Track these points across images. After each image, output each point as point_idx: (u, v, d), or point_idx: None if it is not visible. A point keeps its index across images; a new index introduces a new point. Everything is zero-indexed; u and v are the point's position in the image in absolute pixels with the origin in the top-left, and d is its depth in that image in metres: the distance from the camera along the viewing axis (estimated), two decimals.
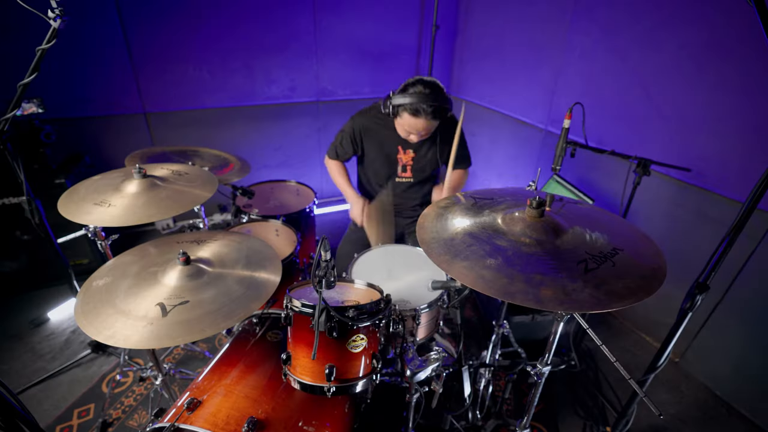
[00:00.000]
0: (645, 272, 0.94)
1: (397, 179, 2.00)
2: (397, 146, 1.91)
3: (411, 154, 1.93)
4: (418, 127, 1.69)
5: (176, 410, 1.10)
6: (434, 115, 1.65)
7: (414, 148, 1.91)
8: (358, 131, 1.93)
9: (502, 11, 2.98)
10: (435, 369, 1.25)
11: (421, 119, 1.65)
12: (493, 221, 1.11)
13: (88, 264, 2.60)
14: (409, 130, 1.73)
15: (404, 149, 1.92)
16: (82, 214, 1.33)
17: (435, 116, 1.65)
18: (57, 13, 1.28)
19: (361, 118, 1.93)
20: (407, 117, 1.68)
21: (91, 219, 1.33)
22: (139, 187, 1.45)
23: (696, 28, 1.85)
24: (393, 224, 1.99)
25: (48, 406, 1.86)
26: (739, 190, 1.84)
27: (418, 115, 1.64)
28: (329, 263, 1.11)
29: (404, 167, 1.96)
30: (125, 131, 2.90)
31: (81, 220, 1.32)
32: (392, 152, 1.93)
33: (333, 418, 1.22)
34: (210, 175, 1.64)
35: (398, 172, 1.98)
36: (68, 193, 1.44)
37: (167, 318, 1.04)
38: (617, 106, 2.28)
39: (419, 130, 1.71)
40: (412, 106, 1.63)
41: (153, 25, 2.67)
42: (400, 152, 1.93)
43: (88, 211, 1.34)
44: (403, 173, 1.98)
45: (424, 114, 1.64)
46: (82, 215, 1.33)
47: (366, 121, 1.92)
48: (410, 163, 1.95)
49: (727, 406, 1.98)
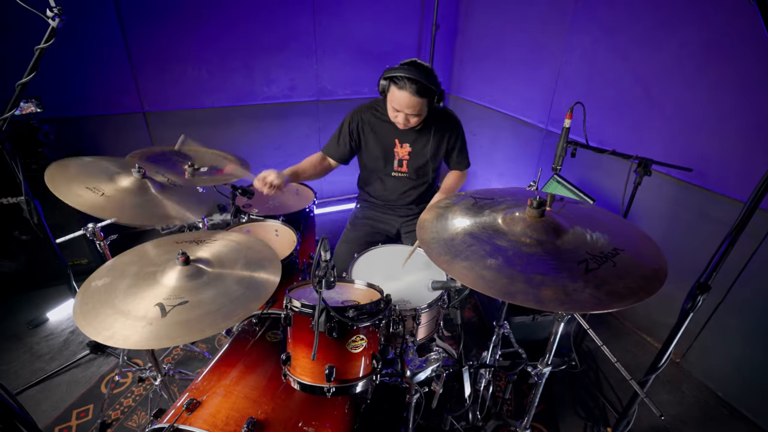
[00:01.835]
0: (646, 272, 0.94)
1: (393, 173, 2.00)
2: (395, 139, 1.92)
3: (407, 149, 1.93)
4: (402, 101, 1.67)
5: (175, 411, 1.10)
6: (418, 92, 1.64)
7: (410, 142, 1.92)
8: (356, 124, 1.93)
9: (503, 11, 2.98)
10: (435, 369, 1.24)
11: (405, 92, 1.64)
12: (493, 221, 1.11)
13: (87, 264, 2.59)
14: (395, 106, 1.72)
15: (401, 143, 1.92)
16: (72, 195, 1.29)
17: (419, 93, 1.65)
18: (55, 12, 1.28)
19: (360, 113, 1.93)
20: (393, 90, 1.68)
21: (81, 202, 1.29)
22: (133, 185, 1.44)
23: (696, 27, 1.84)
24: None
25: (47, 407, 1.86)
26: (740, 190, 1.83)
27: (403, 87, 1.64)
28: (329, 263, 1.10)
29: (400, 162, 1.96)
30: (124, 131, 2.89)
31: (70, 201, 1.28)
32: (389, 145, 1.93)
33: (333, 419, 1.22)
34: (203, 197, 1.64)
35: (395, 167, 1.98)
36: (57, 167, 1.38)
37: (166, 318, 1.03)
38: (618, 106, 2.28)
39: (403, 105, 1.69)
40: (397, 77, 1.65)
41: (152, 24, 2.67)
42: (396, 146, 1.93)
43: (78, 194, 1.30)
44: (399, 168, 1.98)
45: (408, 87, 1.63)
46: (71, 196, 1.29)
47: (365, 115, 1.92)
48: (406, 158, 1.95)
49: (729, 406, 1.98)
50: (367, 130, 1.93)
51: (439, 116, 1.88)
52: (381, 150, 1.94)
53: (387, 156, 1.96)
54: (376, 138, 1.93)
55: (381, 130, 1.92)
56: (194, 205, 1.55)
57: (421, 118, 1.78)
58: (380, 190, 2.08)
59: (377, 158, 1.97)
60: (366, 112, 1.93)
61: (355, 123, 1.93)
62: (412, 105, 1.68)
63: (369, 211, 2.16)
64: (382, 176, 2.04)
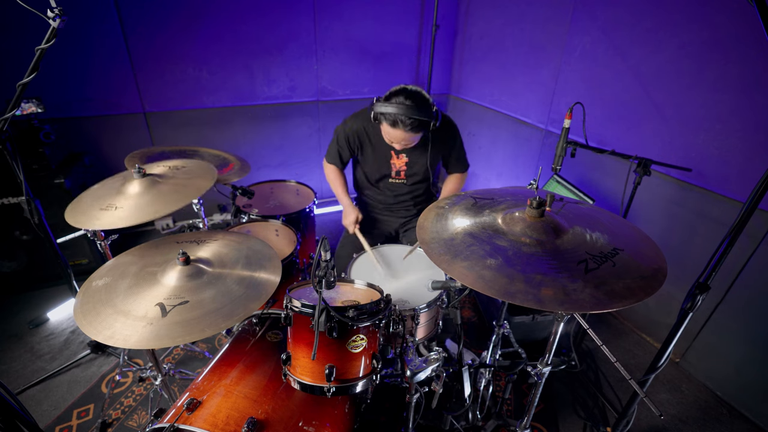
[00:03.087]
0: (645, 272, 0.94)
1: (390, 180, 2.01)
2: (390, 151, 1.91)
3: (404, 159, 1.93)
4: (398, 137, 1.68)
5: (176, 410, 1.10)
6: (413, 128, 1.63)
7: (407, 153, 1.91)
8: (353, 134, 1.92)
9: (503, 11, 2.98)
10: (435, 369, 1.24)
11: (399, 131, 1.63)
12: (493, 221, 1.11)
13: (88, 264, 2.59)
14: (390, 139, 1.73)
15: (397, 155, 1.92)
16: (92, 221, 1.36)
17: (414, 129, 1.63)
18: (56, 13, 1.28)
19: (355, 122, 1.91)
20: (386, 127, 1.67)
21: (102, 224, 1.35)
22: (140, 186, 1.46)
23: (696, 27, 1.84)
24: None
25: (47, 407, 1.86)
26: (739, 190, 1.83)
27: (396, 126, 1.63)
28: (329, 263, 1.10)
29: (398, 172, 1.98)
30: (125, 131, 2.89)
31: (92, 227, 1.36)
32: (386, 156, 1.93)
33: (333, 419, 1.22)
34: (207, 165, 1.65)
35: (392, 175, 1.99)
36: (73, 205, 1.46)
37: (167, 318, 1.03)
38: (617, 106, 2.28)
39: (399, 140, 1.70)
40: (391, 117, 1.61)
41: (152, 24, 2.67)
42: (393, 157, 1.93)
43: (97, 217, 1.37)
44: (396, 177, 1.99)
45: (402, 126, 1.62)
46: (92, 221, 1.36)
47: (360, 124, 1.90)
48: (404, 168, 1.96)
49: (728, 406, 1.98)
50: (364, 142, 1.93)
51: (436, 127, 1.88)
52: (377, 161, 1.95)
53: (383, 166, 1.96)
54: (372, 148, 1.93)
55: (377, 141, 1.90)
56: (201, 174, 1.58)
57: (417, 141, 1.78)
58: (378, 195, 2.10)
59: (374, 168, 1.98)
60: (360, 121, 1.90)
61: (353, 134, 1.91)
62: (407, 139, 1.69)
63: (367, 212, 2.18)
64: (379, 183, 2.05)
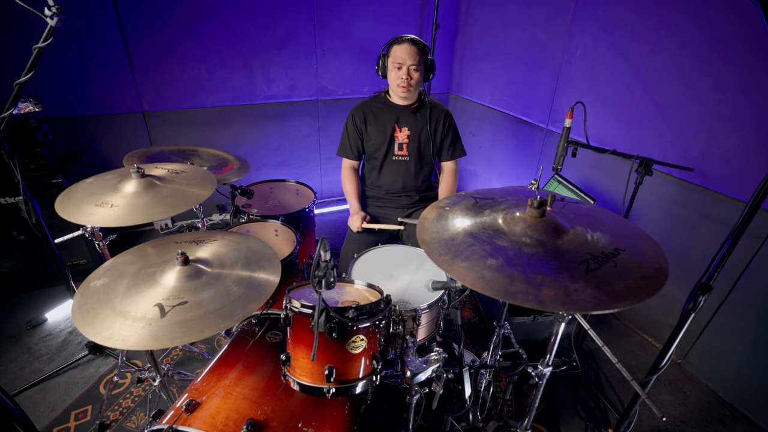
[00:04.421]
0: (647, 273, 0.93)
1: (394, 157, 2.11)
2: (394, 124, 2.07)
3: (406, 132, 2.07)
4: (404, 52, 1.89)
5: (175, 412, 1.09)
6: (415, 43, 1.90)
7: (408, 126, 2.07)
8: (359, 113, 2.09)
9: (503, 10, 2.98)
10: (435, 370, 1.24)
11: (405, 44, 1.90)
12: (493, 221, 1.10)
13: (86, 264, 2.59)
14: (398, 61, 1.91)
15: (400, 127, 2.07)
16: (84, 216, 1.34)
17: (416, 44, 1.90)
18: (54, 11, 1.27)
19: (359, 108, 2.11)
20: (394, 48, 1.92)
21: (94, 220, 1.33)
22: (138, 186, 1.45)
23: (697, 27, 1.84)
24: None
25: (45, 408, 1.85)
26: (742, 190, 1.83)
27: (402, 42, 1.91)
28: (329, 263, 1.10)
29: (401, 145, 2.10)
30: (123, 130, 2.89)
31: (84, 222, 1.34)
32: (389, 130, 2.07)
33: (333, 420, 1.21)
34: (207, 174, 1.64)
35: (395, 150, 2.11)
36: (64, 196, 1.44)
37: (166, 319, 1.03)
38: (619, 106, 2.27)
39: (405, 57, 1.89)
40: (399, 38, 1.93)
41: (151, 23, 2.66)
42: (396, 130, 2.07)
43: (90, 212, 1.35)
44: (399, 152, 2.11)
45: (407, 41, 1.90)
46: (84, 216, 1.34)
47: (364, 108, 2.10)
48: (406, 141, 2.09)
49: (730, 407, 1.97)
50: (369, 119, 2.09)
51: (432, 103, 2.07)
52: (382, 134, 2.07)
53: (388, 140, 2.08)
54: (376, 123, 2.08)
55: (380, 116, 2.07)
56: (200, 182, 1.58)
57: (420, 76, 1.95)
58: (382, 179, 2.17)
59: (379, 144, 2.08)
60: (364, 105, 2.12)
61: (358, 115, 2.09)
62: (412, 55, 1.89)
63: (370, 208, 2.21)
64: (384, 162, 2.13)
